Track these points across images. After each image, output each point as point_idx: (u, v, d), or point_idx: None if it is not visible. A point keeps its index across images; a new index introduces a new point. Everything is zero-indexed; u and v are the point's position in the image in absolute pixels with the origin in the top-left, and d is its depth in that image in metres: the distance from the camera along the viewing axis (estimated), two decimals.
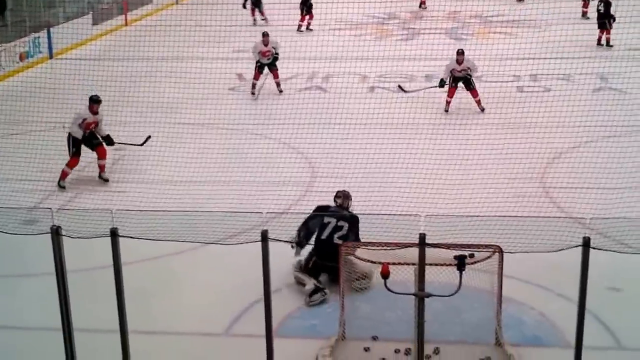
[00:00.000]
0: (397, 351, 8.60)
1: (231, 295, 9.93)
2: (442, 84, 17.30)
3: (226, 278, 10.43)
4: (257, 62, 18.88)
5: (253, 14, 27.91)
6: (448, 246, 8.00)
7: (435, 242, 7.42)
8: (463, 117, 16.67)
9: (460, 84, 17.12)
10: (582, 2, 27.09)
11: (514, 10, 26.47)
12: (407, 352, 8.50)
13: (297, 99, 17.26)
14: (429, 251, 7.44)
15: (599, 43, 22.99)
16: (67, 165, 13.51)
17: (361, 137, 13.31)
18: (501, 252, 8.22)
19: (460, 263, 7.31)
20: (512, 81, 19.28)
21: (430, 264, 7.37)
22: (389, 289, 9.62)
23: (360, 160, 13.14)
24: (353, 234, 9.75)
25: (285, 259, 9.74)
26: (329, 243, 9.70)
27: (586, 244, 6.83)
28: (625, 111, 15.91)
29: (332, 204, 10.14)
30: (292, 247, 9.84)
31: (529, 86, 19.25)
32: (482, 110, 16.87)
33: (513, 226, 8.96)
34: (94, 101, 13.54)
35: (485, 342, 8.65)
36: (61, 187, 13.44)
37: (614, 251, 7.74)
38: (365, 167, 12.88)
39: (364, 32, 26.14)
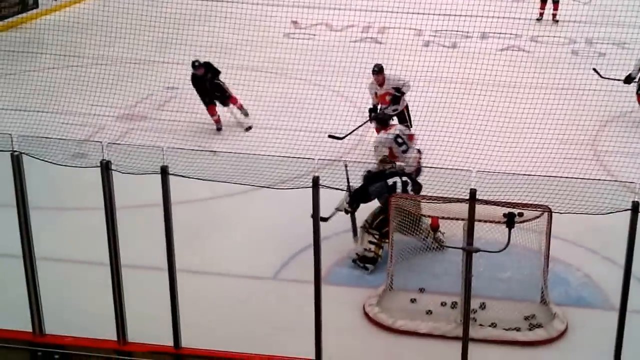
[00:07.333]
0: (443, 304, 8.70)
1: (280, 241, 10.05)
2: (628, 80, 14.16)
3: (276, 223, 10.53)
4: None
5: None
6: (498, 203, 7.96)
7: (485, 198, 7.37)
8: (517, 78, 16.26)
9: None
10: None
11: None
12: (454, 305, 8.58)
13: (352, 49, 17.08)
14: (478, 207, 7.42)
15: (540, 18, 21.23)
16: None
17: (415, 91, 13.13)
18: (550, 212, 8.19)
19: (510, 221, 7.31)
20: (567, 44, 19.02)
21: (479, 220, 7.34)
22: (438, 242, 9.67)
23: (414, 114, 13.00)
24: (418, 185, 9.75)
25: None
26: None
27: (635, 209, 6.73)
28: None
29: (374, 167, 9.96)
30: (345, 211, 9.62)
31: (583, 49, 18.86)
32: None
33: (563, 188, 8.87)
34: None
35: (530, 300, 8.74)
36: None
37: None
38: (419, 121, 12.77)
39: None
